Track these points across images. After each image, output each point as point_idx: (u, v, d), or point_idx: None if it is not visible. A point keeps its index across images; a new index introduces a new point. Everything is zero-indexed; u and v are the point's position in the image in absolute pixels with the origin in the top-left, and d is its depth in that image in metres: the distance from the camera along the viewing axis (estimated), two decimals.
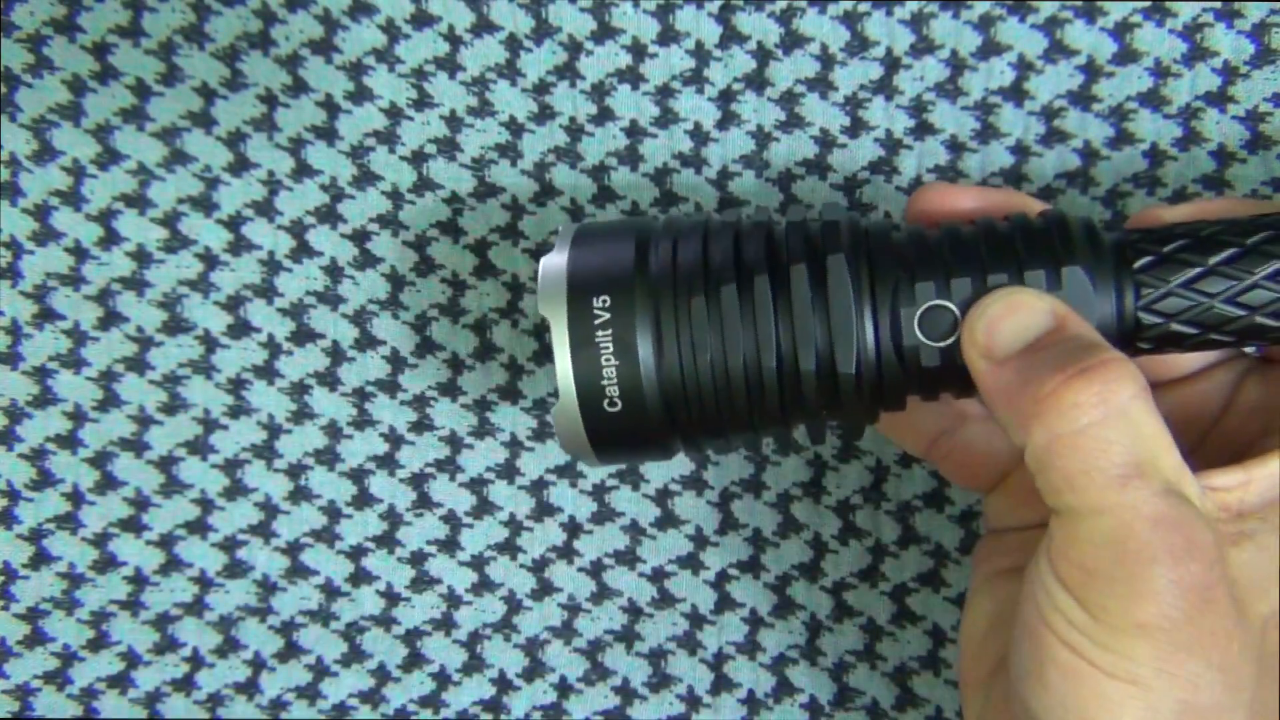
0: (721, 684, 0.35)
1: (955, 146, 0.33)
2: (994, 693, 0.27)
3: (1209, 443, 0.27)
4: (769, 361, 0.25)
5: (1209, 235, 0.25)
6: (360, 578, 0.35)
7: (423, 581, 0.35)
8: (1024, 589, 0.24)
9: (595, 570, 0.35)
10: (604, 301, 0.25)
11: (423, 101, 0.34)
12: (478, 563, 0.35)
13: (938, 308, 0.24)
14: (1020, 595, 0.24)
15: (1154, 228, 0.25)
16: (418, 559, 0.35)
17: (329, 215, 0.35)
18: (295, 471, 0.35)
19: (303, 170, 0.35)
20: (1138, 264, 0.25)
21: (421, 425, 0.35)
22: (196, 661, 0.36)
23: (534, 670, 0.35)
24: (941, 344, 0.24)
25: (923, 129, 0.33)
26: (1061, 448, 0.22)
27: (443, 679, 0.36)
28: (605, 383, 0.25)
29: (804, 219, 0.26)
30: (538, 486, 0.35)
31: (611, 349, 0.25)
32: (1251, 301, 0.24)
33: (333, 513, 0.35)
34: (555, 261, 0.26)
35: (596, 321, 0.25)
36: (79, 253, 0.35)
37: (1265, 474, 0.24)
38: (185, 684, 0.36)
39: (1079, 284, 0.24)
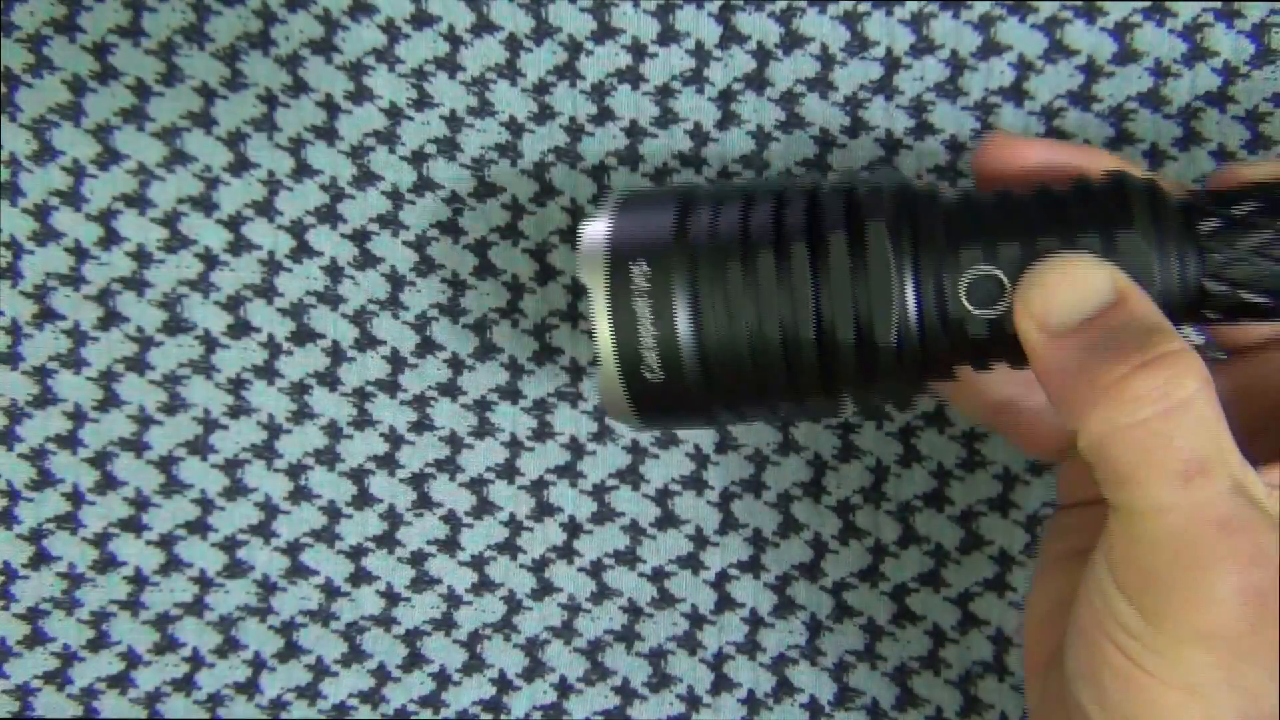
0: (721, 684, 0.35)
1: (955, 146, 0.33)
2: (1050, 684, 0.25)
3: (1273, 429, 0.25)
4: (806, 332, 0.24)
5: None
6: (360, 578, 0.35)
7: (423, 581, 0.35)
8: (1080, 588, 0.23)
9: (595, 570, 0.35)
10: (643, 269, 0.25)
11: (423, 101, 0.34)
12: (478, 563, 0.35)
13: (985, 275, 0.23)
14: (1078, 590, 0.23)
15: (1226, 190, 0.24)
16: (418, 559, 0.35)
17: (329, 215, 0.35)
18: (295, 471, 0.35)
19: (303, 170, 0.35)
20: (1204, 229, 0.23)
21: (421, 425, 0.35)
22: (196, 661, 0.36)
23: (534, 670, 0.35)
24: (989, 313, 0.23)
25: (923, 129, 0.33)
26: (1121, 440, 0.21)
27: (443, 679, 0.36)
28: (645, 350, 0.25)
29: (852, 185, 0.25)
30: (538, 486, 0.35)
31: (650, 317, 0.25)
32: None
33: (333, 513, 0.35)
34: (597, 228, 0.25)
35: (635, 289, 0.25)
36: (79, 253, 0.35)
37: None
38: (185, 684, 0.36)
39: (1135, 250, 0.23)
